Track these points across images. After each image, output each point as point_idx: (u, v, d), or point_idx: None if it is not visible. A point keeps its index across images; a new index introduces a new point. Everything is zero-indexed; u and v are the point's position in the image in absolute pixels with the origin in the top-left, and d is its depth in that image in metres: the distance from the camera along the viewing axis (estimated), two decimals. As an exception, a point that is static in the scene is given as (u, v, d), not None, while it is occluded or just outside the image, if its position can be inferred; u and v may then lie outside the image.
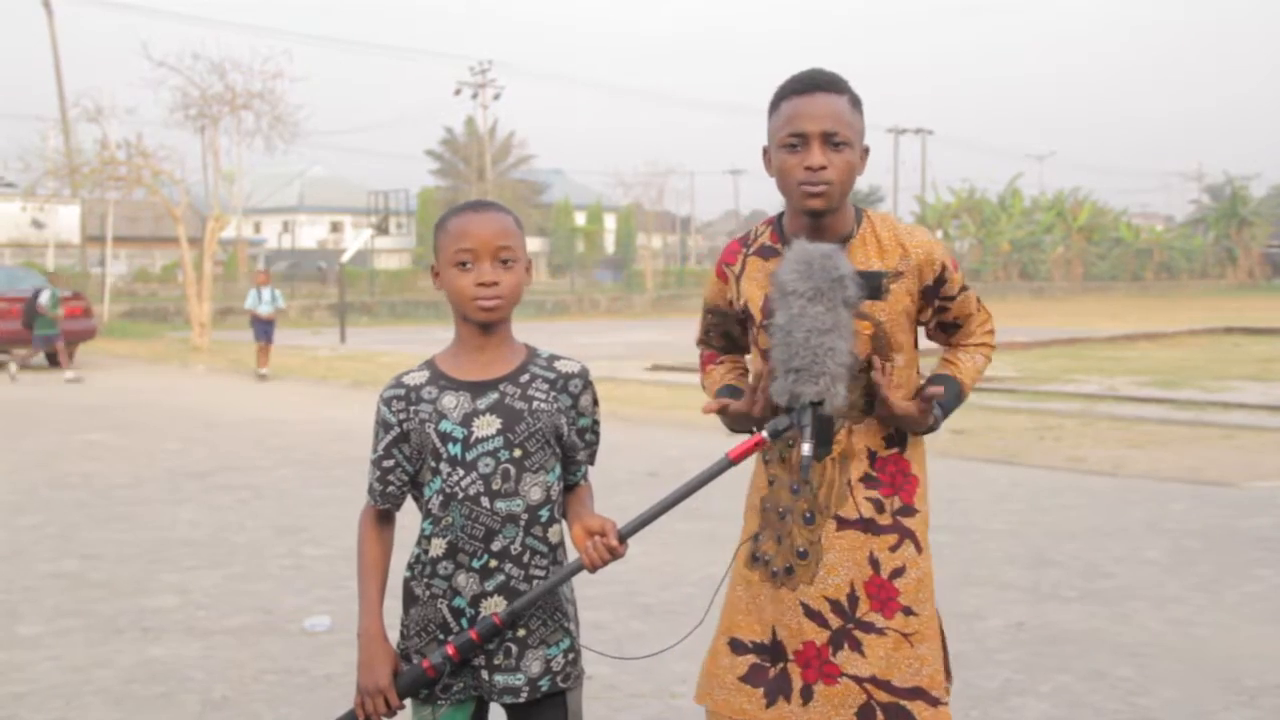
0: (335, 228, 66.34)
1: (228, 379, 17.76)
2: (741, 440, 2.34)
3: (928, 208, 59.35)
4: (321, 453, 10.15)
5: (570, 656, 2.38)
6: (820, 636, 2.38)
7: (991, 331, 2.59)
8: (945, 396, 2.47)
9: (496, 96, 52.14)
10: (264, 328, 17.28)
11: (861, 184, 70.66)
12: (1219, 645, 4.87)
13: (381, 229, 38.15)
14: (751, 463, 2.54)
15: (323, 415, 12.90)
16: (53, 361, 19.59)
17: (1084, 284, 56.26)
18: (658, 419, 11.76)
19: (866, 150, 2.41)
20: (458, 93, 51.88)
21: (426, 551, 2.36)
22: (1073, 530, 6.99)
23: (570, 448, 2.41)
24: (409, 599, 2.40)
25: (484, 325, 2.35)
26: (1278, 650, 4.81)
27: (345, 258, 29.93)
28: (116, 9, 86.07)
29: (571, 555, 2.38)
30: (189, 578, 5.99)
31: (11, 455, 10.07)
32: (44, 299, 17.16)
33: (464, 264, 2.32)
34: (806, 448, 2.22)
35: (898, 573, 2.39)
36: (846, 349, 2.22)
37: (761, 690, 2.41)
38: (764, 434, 2.28)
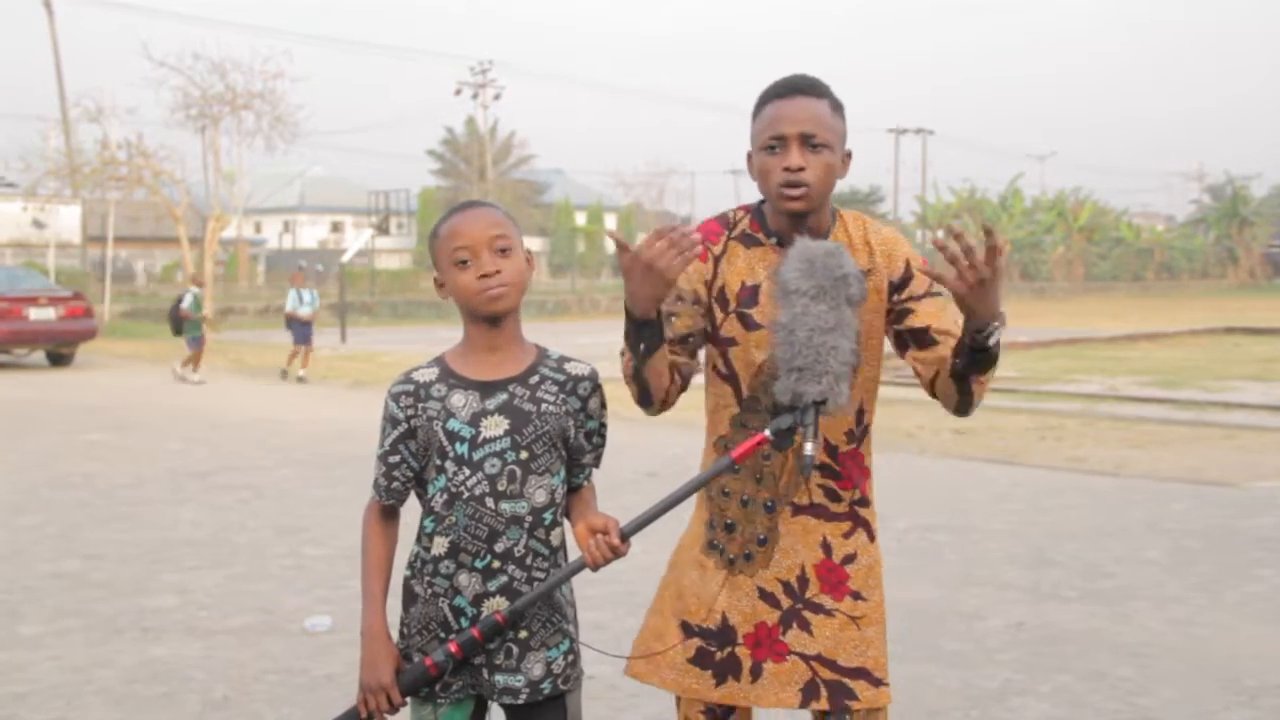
0: (336, 228, 66.30)
1: (229, 379, 17.76)
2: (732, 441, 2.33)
3: (928, 208, 59.33)
4: (322, 453, 10.15)
5: (570, 658, 2.38)
6: (771, 617, 2.42)
7: None
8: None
9: (497, 96, 52.15)
10: (304, 330, 17.14)
11: (862, 184, 70.81)
12: (1219, 645, 4.87)
13: (382, 229, 38.16)
14: (701, 449, 2.54)
15: (323, 415, 12.91)
16: (54, 361, 19.59)
17: (1085, 284, 56.22)
18: (659, 419, 11.68)
19: (849, 155, 2.42)
20: (458, 93, 51.89)
21: (428, 550, 2.36)
22: (1073, 530, 7.00)
23: (576, 450, 2.41)
24: (409, 598, 2.40)
25: (494, 319, 2.35)
26: (1278, 650, 4.81)
27: (346, 258, 29.95)
28: (117, 9, 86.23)
29: (574, 555, 2.39)
30: (190, 578, 6.00)
31: (12, 455, 10.08)
32: (186, 302, 17.00)
33: (463, 262, 2.33)
34: (809, 447, 2.22)
35: (849, 559, 2.43)
36: (849, 348, 2.23)
37: (710, 672, 2.44)
38: (767, 433, 2.29)
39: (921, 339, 2.40)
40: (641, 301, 2.22)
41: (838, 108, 2.39)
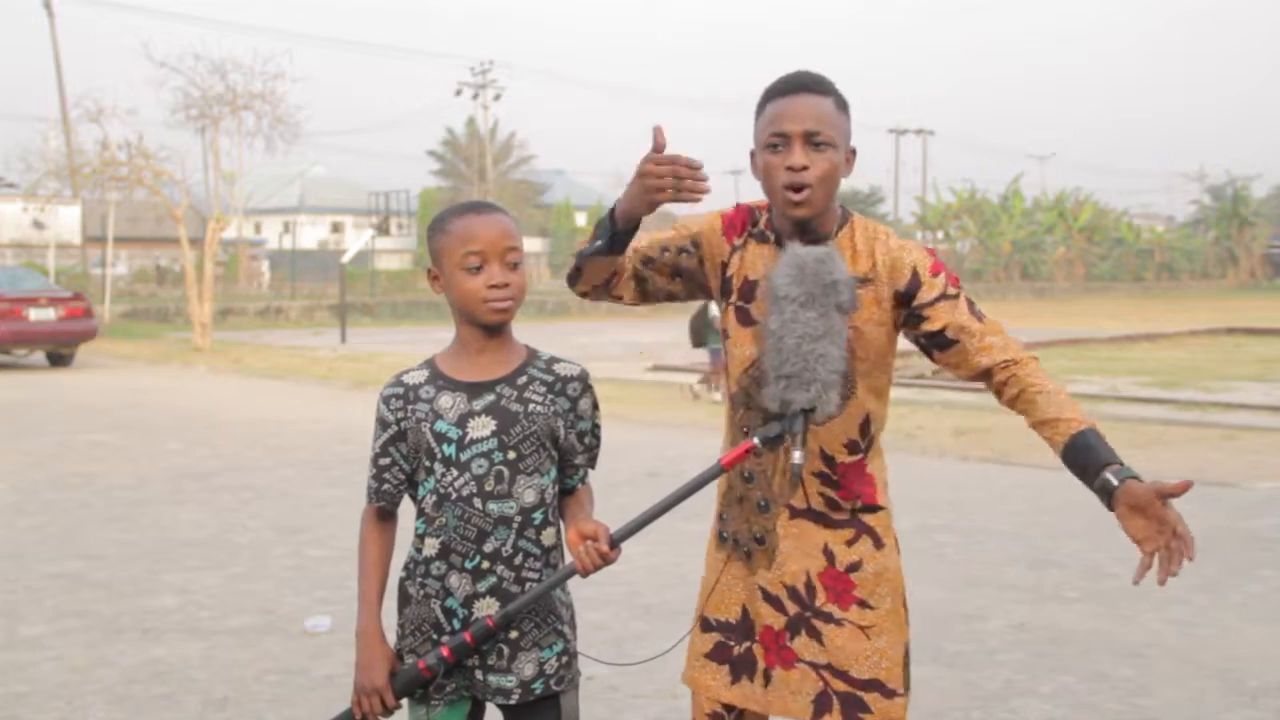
0: (336, 228, 66.27)
1: (229, 379, 17.75)
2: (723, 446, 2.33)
3: (929, 208, 59.32)
4: (323, 453, 10.15)
5: (564, 659, 2.38)
6: (777, 622, 2.41)
7: (1015, 347, 2.37)
8: (1099, 448, 2.46)
9: (497, 97, 52.17)
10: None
11: (863, 185, 70.61)
12: (1221, 646, 4.87)
13: (382, 229, 38.16)
14: (722, 446, 2.52)
15: (324, 415, 12.90)
16: (54, 362, 19.58)
17: (1085, 284, 56.22)
18: (658, 419, 11.73)
19: (853, 153, 2.39)
20: (458, 93, 51.90)
21: (420, 551, 2.37)
22: (1074, 530, 6.99)
23: (568, 451, 2.41)
24: (403, 599, 2.41)
25: (491, 327, 2.36)
26: None
27: (346, 258, 29.92)
28: (117, 9, 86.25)
29: (568, 555, 2.39)
30: (190, 578, 6.00)
31: (13, 455, 10.08)
32: (715, 311, 16.33)
33: (474, 267, 2.32)
34: (798, 455, 2.21)
35: (854, 567, 2.40)
36: (839, 355, 2.21)
37: (726, 667, 2.44)
38: (755, 441, 2.28)
39: (941, 341, 2.37)
40: (628, 207, 2.26)
41: (842, 105, 2.37)
